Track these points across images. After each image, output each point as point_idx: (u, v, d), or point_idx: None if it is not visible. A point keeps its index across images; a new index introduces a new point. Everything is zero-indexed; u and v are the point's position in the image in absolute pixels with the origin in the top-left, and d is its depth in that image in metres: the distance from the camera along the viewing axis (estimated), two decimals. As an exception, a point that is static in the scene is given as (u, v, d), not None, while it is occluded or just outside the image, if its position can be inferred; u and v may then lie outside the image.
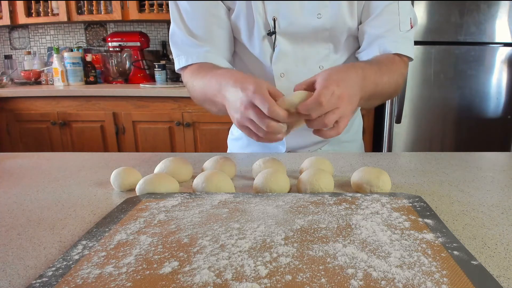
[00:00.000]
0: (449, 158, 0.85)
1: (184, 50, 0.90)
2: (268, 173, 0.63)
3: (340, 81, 0.62)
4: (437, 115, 2.11)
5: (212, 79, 0.75)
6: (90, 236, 0.47)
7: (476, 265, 0.39)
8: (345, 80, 0.63)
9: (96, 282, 0.37)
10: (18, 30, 2.95)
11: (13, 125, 2.41)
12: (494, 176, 0.73)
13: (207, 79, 0.78)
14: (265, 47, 0.89)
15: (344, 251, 0.41)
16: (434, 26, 2.00)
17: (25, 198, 0.65)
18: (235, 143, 1.10)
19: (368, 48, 0.87)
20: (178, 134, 2.29)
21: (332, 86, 0.60)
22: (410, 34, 0.87)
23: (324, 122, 0.61)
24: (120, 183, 0.66)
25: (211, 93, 0.75)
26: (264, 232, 0.46)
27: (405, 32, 0.85)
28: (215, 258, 0.40)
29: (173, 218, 0.51)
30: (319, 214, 0.51)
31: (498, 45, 2.02)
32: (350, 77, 0.66)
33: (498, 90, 2.07)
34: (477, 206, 0.58)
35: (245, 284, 0.36)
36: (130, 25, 2.85)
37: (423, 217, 0.50)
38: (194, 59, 0.88)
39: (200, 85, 0.81)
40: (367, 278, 0.37)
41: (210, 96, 0.76)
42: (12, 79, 2.76)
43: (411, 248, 0.42)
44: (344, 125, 0.64)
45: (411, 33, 0.87)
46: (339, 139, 1.03)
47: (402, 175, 0.74)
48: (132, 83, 2.69)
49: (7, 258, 0.45)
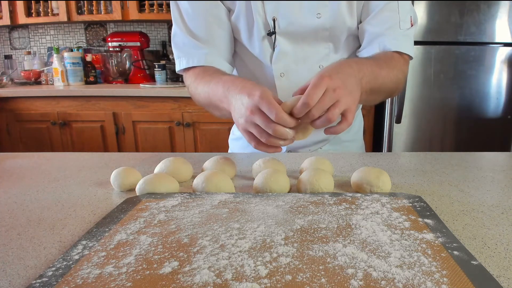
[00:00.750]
0: (449, 158, 0.85)
1: (185, 52, 0.90)
2: (268, 173, 0.63)
3: (333, 74, 0.61)
4: (437, 115, 2.11)
5: (218, 84, 0.75)
6: (90, 236, 0.47)
7: (476, 265, 0.39)
8: (338, 73, 0.63)
9: (96, 282, 0.37)
10: (18, 30, 2.95)
11: (13, 125, 2.41)
12: (494, 176, 0.73)
13: (212, 84, 0.78)
14: (265, 47, 0.89)
15: (344, 251, 0.41)
16: (434, 26, 2.00)
17: (25, 198, 0.65)
18: (236, 143, 1.11)
19: (368, 46, 0.87)
20: (178, 134, 2.29)
21: (323, 82, 0.59)
22: (410, 32, 0.87)
23: (328, 118, 0.60)
24: (120, 183, 0.66)
25: (217, 98, 0.75)
26: (264, 232, 0.46)
27: (405, 30, 0.86)
28: (215, 258, 0.40)
29: (173, 218, 0.51)
30: (319, 214, 0.51)
31: (498, 45, 2.02)
32: (343, 70, 0.65)
33: (498, 90, 2.07)
34: (477, 206, 0.58)
35: (245, 284, 0.36)
36: (130, 25, 2.85)
37: (423, 217, 0.50)
38: (195, 62, 0.88)
39: (205, 90, 0.81)
40: (367, 278, 0.37)
41: (215, 101, 0.76)
42: (12, 79, 2.76)
43: (411, 248, 0.42)
44: (352, 116, 0.63)
45: (412, 32, 0.87)
46: (340, 138, 1.03)
47: (402, 175, 0.74)
48: (132, 83, 2.69)
49: (7, 258, 0.45)
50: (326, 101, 0.59)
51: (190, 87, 0.90)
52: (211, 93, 0.78)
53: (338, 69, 0.64)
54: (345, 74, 0.64)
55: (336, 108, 0.60)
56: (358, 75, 0.68)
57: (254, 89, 0.62)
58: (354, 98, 0.64)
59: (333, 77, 0.60)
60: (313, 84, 0.59)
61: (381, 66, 0.77)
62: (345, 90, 0.61)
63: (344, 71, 0.65)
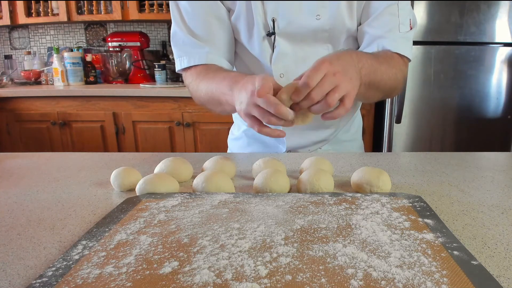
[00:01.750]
0: (449, 158, 0.85)
1: (186, 51, 0.90)
2: (268, 173, 0.63)
3: (334, 60, 0.62)
4: (437, 115, 2.11)
5: (225, 79, 0.76)
6: (90, 236, 0.47)
7: (476, 265, 0.39)
8: (339, 59, 0.63)
9: (96, 282, 0.37)
10: (18, 30, 2.95)
11: (13, 125, 2.41)
12: (494, 176, 0.73)
13: (217, 79, 0.79)
14: (264, 47, 0.89)
15: (344, 251, 0.41)
16: (434, 26, 2.00)
17: (25, 198, 0.65)
18: (235, 143, 1.11)
19: (368, 47, 0.87)
20: (178, 134, 2.29)
21: (323, 65, 0.59)
22: (410, 35, 0.88)
23: (327, 102, 0.60)
24: (120, 183, 0.66)
25: (220, 92, 0.77)
26: (264, 232, 0.46)
27: (404, 33, 0.86)
28: (215, 258, 0.40)
29: (173, 218, 0.51)
30: (319, 214, 0.51)
31: (498, 45, 2.02)
32: (343, 57, 0.66)
33: (498, 90, 2.07)
34: (477, 206, 0.58)
35: (245, 284, 0.36)
36: (130, 25, 2.85)
37: (423, 217, 0.50)
38: (196, 61, 0.89)
39: (208, 86, 0.82)
40: (367, 278, 0.37)
41: (218, 95, 0.78)
42: (12, 79, 2.76)
43: (411, 248, 0.42)
44: (350, 102, 0.63)
45: (411, 34, 0.88)
46: (339, 138, 1.03)
47: (402, 175, 0.74)
48: (132, 83, 2.69)
49: (7, 258, 0.45)
50: (326, 85, 0.60)
51: (190, 85, 0.91)
52: (214, 88, 0.79)
53: (338, 56, 0.65)
54: (345, 61, 0.65)
55: (335, 92, 0.60)
56: (357, 64, 0.69)
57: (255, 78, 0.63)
58: (353, 84, 0.64)
59: (333, 63, 0.61)
60: (313, 67, 0.60)
61: (380, 61, 0.78)
62: (345, 76, 0.61)
63: (344, 58, 0.66)
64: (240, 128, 1.08)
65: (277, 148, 1.02)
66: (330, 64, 0.60)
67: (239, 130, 1.09)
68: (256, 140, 1.05)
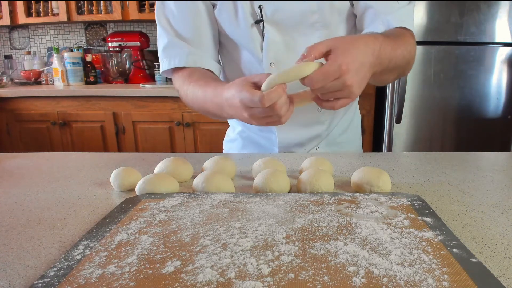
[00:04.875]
0: (449, 158, 0.85)
1: (167, 53, 0.90)
2: (268, 173, 0.63)
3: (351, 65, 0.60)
4: (437, 115, 2.12)
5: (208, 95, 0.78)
6: (91, 236, 0.47)
7: (476, 262, 0.39)
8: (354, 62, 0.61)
9: (99, 282, 0.37)
10: (18, 30, 2.95)
11: (13, 125, 2.40)
12: (494, 176, 0.73)
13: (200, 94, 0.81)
14: (253, 35, 0.87)
15: (345, 249, 0.42)
16: (434, 26, 2.00)
17: (25, 198, 0.65)
18: (231, 145, 1.10)
19: (372, 24, 0.84)
20: (178, 134, 2.29)
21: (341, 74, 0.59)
22: (411, 7, 0.86)
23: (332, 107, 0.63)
24: (120, 183, 0.66)
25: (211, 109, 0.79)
26: (265, 231, 0.46)
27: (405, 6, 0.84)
28: (218, 257, 0.40)
29: (173, 218, 0.51)
30: (319, 213, 0.51)
31: (498, 45, 2.02)
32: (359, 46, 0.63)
33: (498, 90, 2.07)
34: (477, 206, 0.58)
35: (248, 283, 0.36)
36: (130, 25, 2.85)
37: (422, 216, 0.51)
38: (176, 62, 0.89)
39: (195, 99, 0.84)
40: (369, 275, 0.37)
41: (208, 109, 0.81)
42: (12, 79, 2.76)
43: (411, 246, 0.42)
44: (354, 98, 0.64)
45: (411, 7, 0.86)
46: (337, 139, 1.03)
47: (402, 175, 0.74)
48: (132, 83, 2.69)
49: (7, 258, 0.45)
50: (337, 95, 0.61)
51: (180, 91, 0.91)
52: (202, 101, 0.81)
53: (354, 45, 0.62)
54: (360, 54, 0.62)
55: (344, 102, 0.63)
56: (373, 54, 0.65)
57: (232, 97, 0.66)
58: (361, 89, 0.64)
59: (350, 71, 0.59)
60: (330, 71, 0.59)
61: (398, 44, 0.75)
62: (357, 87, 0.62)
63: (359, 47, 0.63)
64: (235, 130, 1.08)
65: (271, 150, 1.01)
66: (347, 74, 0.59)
67: (234, 131, 1.08)
68: (250, 142, 1.05)
